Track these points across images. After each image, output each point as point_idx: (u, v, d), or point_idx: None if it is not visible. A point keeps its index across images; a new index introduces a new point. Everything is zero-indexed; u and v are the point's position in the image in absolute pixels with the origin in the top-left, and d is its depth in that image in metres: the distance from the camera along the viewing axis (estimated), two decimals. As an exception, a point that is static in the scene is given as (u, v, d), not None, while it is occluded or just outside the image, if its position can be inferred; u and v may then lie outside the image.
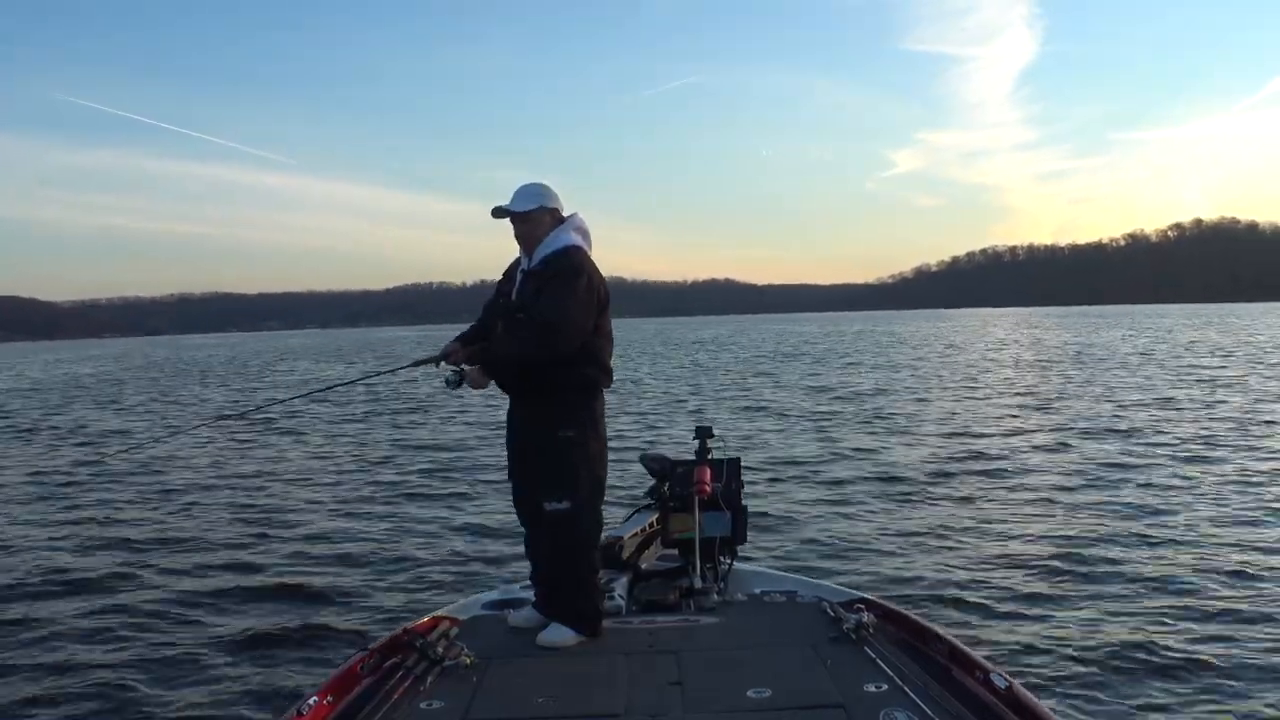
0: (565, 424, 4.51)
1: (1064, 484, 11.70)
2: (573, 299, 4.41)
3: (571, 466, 4.50)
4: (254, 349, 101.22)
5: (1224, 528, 9.17)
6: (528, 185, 4.63)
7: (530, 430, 4.60)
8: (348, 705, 3.73)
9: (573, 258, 4.53)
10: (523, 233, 4.60)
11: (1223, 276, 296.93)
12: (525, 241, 4.62)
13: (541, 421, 4.54)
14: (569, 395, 4.54)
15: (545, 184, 4.67)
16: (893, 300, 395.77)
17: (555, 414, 4.52)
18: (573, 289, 4.42)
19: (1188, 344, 45.92)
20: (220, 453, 17.65)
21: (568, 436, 4.50)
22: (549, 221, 4.60)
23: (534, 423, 4.58)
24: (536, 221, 4.57)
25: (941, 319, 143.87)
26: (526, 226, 4.58)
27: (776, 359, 46.61)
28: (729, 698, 3.64)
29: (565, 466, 4.50)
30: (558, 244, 4.55)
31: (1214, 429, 16.02)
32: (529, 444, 4.60)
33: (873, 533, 9.56)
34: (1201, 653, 6.00)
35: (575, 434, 4.51)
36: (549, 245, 4.56)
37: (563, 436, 4.50)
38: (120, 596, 8.19)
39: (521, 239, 4.62)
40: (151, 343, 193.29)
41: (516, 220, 4.60)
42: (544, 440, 4.52)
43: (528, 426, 4.62)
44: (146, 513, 12.04)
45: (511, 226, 4.63)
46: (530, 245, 4.60)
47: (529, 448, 4.60)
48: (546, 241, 4.56)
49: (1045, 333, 69.47)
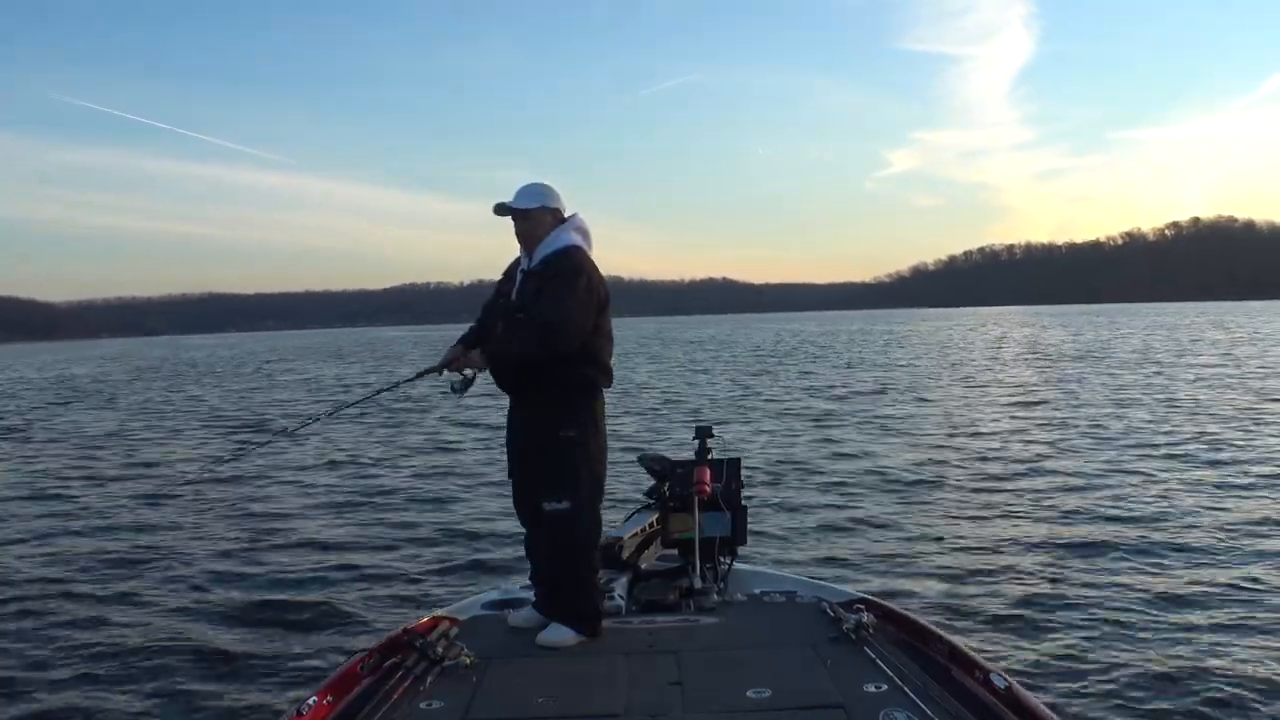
0: (566, 424, 4.50)
1: (1064, 485, 11.70)
2: (573, 299, 4.41)
3: (572, 467, 4.50)
4: (250, 350, 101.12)
5: (1225, 527, 9.17)
6: (530, 184, 4.63)
7: (531, 430, 4.60)
8: (348, 705, 3.72)
9: (573, 258, 4.53)
10: (523, 231, 4.60)
11: (1220, 275, 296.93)
12: (526, 240, 4.61)
13: (542, 421, 4.54)
14: (569, 395, 4.54)
15: (548, 184, 4.67)
16: (891, 299, 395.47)
17: (556, 414, 4.51)
18: (573, 289, 4.42)
19: (1190, 342, 45.95)
20: (220, 453, 17.65)
21: (569, 436, 4.50)
22: (550, 221, 4.60)
23: (534, 423, 4.58)
24: (537, 220, 4.57)
25: (940, 318, 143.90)
26: (527, 225, 4.58)
27: (773, 357, 46.67)
28: (729, 698, 3.64)
29: (565, 467, 4.49)
30: (558, 244, 4.55)
31: (1215, 430, 16.01)
32: (529, 444, 4.60)
33: (872, 533, 9.58)
34: (1202, 653, 6.00)
35: (576, 434, 4.51)
36: (549, 245, 4.56)
37: (564, 437, 4.49)
38: (120, 597, 8.19)
39: (522, 237, 4.62)
40: (149, 343, 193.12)
41: (518, 218, 4.60)
42: (545, 440, 4.52)
43: (528, 426, 4.62)
44: (145, 512, 12.05)
45: (513, 224, 4.63)
46: (531, 244, 4.60)
47: (529, 448, 4.60)
48: (547, 241, 4.56)
49: (1044, 332, 69.51)
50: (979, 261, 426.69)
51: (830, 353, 49.66)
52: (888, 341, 61.69)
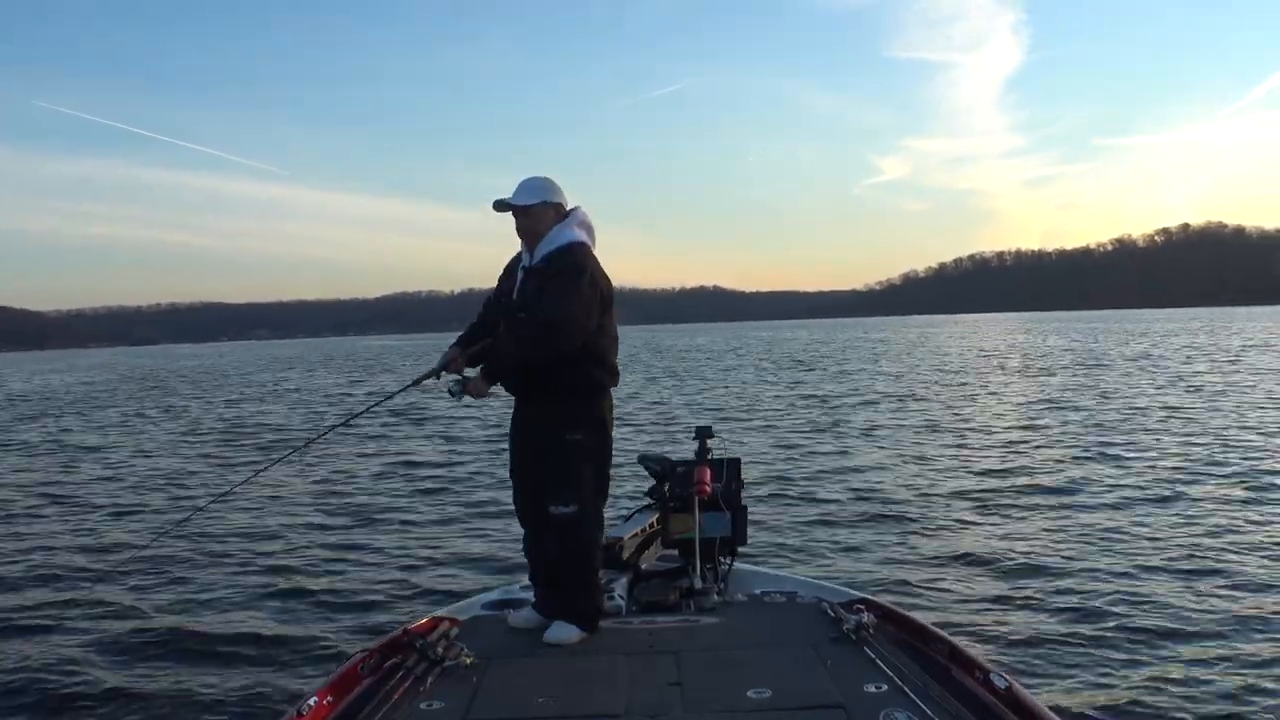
0: (573, 427, 4.48)
1: (1065, 485, 11.70)
2: (575, 296, 4.35)
3: (578, 470, 4.48)
4: (242, 358, 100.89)
5: (1226, 527, 9.18)
6: (531, 179, 4.58)
7: (537, 432, 4.55)
8: (348, 705, 3.71)
9: (576, 254, 4.46)
10: (525, 227, 4.54)
11: (1209, 281, 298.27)
12: (527, 236, 4.55)
13: (549, 424, 4.50)
14: (576, 397, 4.50)
15: (549, 178, 4.61)
16: (881, 307, 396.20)
17: (562, 416, 4.48)
18: (576, 286, 4.36)
19: (1181, 348, 46.03)
20: (218, 453, 17.66)
21: (575, 439, 4.47)
22: (552, 216, 4.54)
23: (541, 425, 4.54)
24: (539, 216, 4.51)
25: (932, 325, 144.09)
26: (529, 221, 4.52)
27: (770, 364, 46.68)
28: (729, 698, 3.63)
29: (571, 470, 4.47)
30: (561, 240, 4.49)
31: (1216, 433, 16.00)
32: (536, 446, 4.56)
33: (873, 533, 9.57)
34: (1203, 653, 6.00)
35: (583, 437, 4.49)
36: (551, 241, 4.49)
37: (570, 439, 4.46)
38: (119, 597, 8.18)
39: (523, 234, 4.56)
40: (139, 352, 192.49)
41: (518, 214, 4.54)
42: (551, 443, 4.49)
43: (534, 429, 4.57)
44: (145, 511, 12.07)
45: (513, 220, 4.57)
46: (532, 241, 4.54)
47: (535, 450, 4.56)
48: (549, 238, 4.50)
49: (1037, 338, 69.64)
50: (969, 269, 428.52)
51: (826, 360, 49.65)
52: (884, 350, 61.59)
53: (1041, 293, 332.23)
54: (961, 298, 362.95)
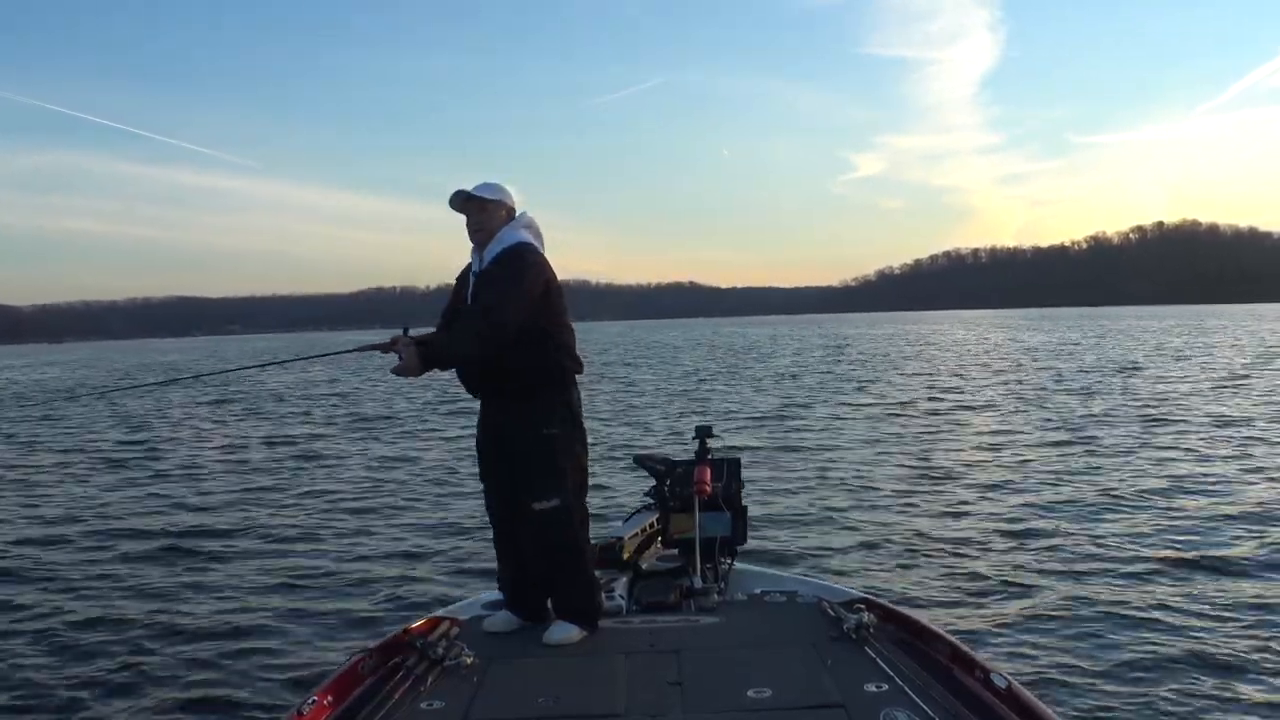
0: (547, 422, 4.50)
1: (1065, 485, 11.69)
2: (514, 287, 4.41)
3: (558, 464, 4.50)
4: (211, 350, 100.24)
5: (1227, 529, 9.20)
6: (488, 182, 4.65)
7: (511, 431, 4.56)
8: (348, 705, 3.70)
9: (523, 255, 4.52)
10: (478, 223, 4.59)
11: (1184, 277, 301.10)
12: (479, 234, 4.61)
13: (521, 421, 4.51)
14: (545, 391, 4.53)
15: (503, 184, 4.69)
16: (857, 303, 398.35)
17: (535, 412, 4.50)
18: (518, 279, 4.43)
19: (1157, 346, 46.36)
20: (218, 454, 17.62)
21: (551, 434, 4.50)
22: (504, 216, 4.62)
23: (513, 423, 4.54)
24: (492, 214, 4.58)
25: (908, 321, 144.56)
26: (484, 217, 4.58)
27: (759, 360, 46.82)
28: (729, 698, 3.63)
29: (550, 464, 4.49)
30: (508, 241, 4.56)
31: (1214, 430, 16.10)
32: (511, 446, 4.56)
33: (873, 533, 9.57)
34: (1204, 653, 6.02)
35: (559, 430, 4.52)
36: (500, 243, 4.56)
37: (547, 434, 4.49)
38: (119, 597, 8.18)
39: (475, 230, 4.61)
40: (112, 347, 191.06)
41: (475, 209, 4.59)
42: (528, 441, 4.50)
43: (507, 426, 4.57)
44: (144, 511, 12.03)
45: (465, 220, 4.63)
46: (483, 239, 4.59)
47: (511, 449, 4.56)
48: (498, 239, 4.57)
49: (1021, 334, 69.98)
50: (944, 265, 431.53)
51: (817, 355, 49.81)
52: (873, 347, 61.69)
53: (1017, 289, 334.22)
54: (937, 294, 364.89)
